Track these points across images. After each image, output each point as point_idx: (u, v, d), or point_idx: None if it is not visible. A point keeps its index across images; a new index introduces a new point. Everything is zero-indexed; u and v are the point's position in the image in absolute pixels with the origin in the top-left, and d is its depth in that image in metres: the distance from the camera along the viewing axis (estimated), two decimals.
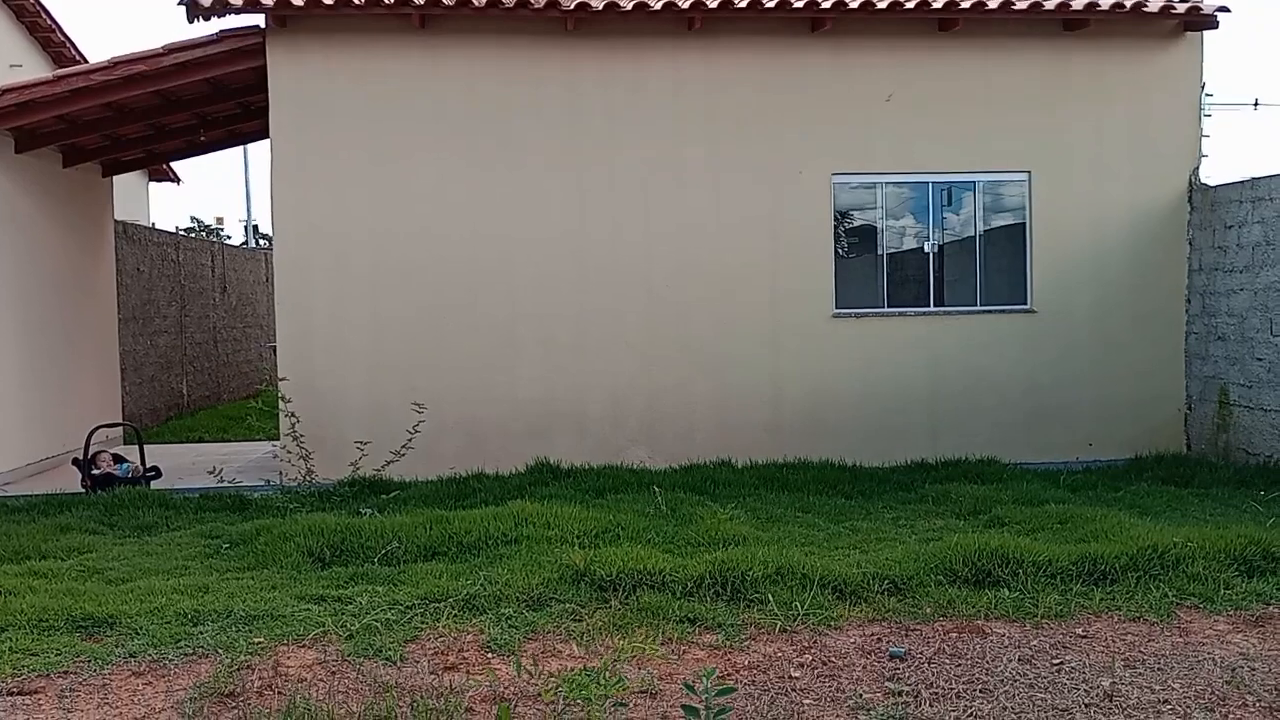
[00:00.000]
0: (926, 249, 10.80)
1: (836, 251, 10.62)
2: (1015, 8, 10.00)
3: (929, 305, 10.79)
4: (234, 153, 37.01)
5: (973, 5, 9.93)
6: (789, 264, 10.50)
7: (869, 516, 8.19)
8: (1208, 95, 10.88)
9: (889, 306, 10.76)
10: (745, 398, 10.47)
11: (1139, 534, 6.88)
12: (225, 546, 7.40)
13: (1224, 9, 10.38)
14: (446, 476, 9.56)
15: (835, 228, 10.61)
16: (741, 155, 10.42)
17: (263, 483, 9.58)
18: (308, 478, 9.33)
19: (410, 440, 9.35)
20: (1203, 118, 10.81)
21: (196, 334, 16.81)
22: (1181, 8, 10.14)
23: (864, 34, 10.44)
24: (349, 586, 6.33)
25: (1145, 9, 10.05)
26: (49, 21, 15.66)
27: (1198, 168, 10.88)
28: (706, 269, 10.41)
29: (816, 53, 10.48)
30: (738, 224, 10.44)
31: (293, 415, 9.44)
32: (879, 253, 10.84)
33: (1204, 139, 10.87)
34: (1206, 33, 10.78)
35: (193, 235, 20.72)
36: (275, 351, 10.15)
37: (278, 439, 10.02)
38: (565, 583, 6.19)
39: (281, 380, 9.73)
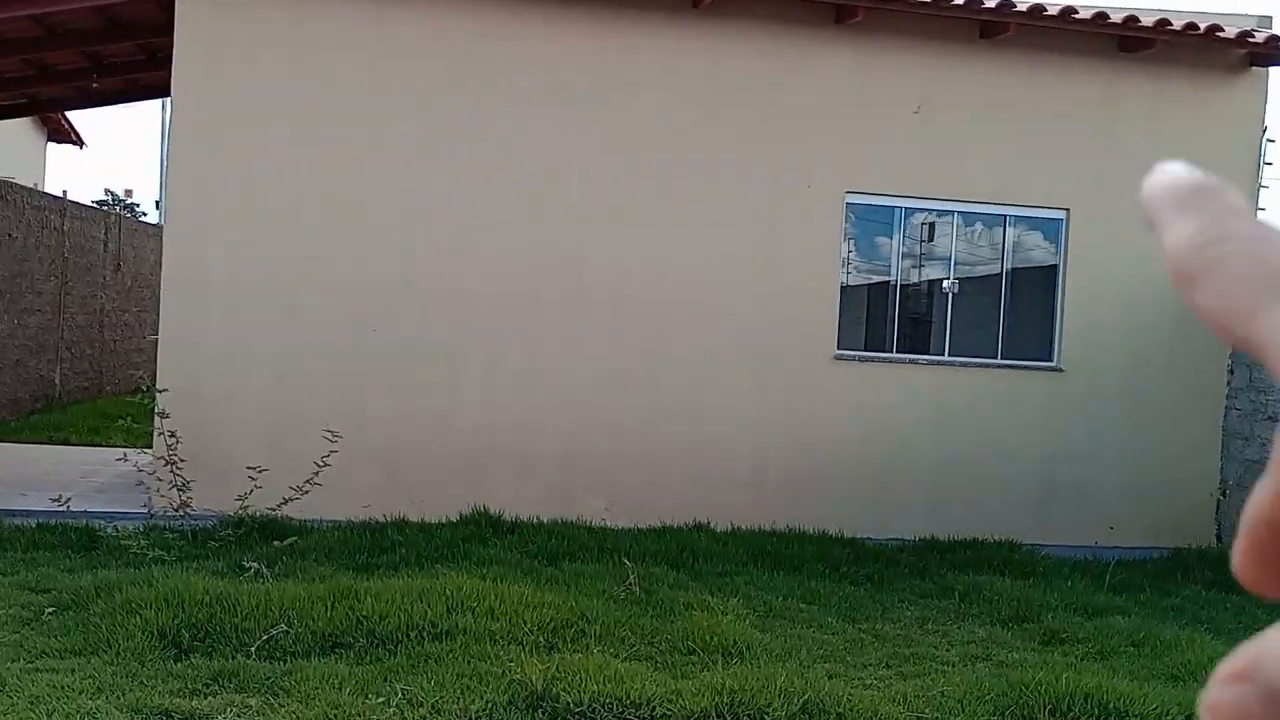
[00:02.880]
0: (945, 287, 9.29)
1: (843, 283, 9.06)
2: (1076, 17, 8.58)
3: (943, 353, 9.28)
4: (156, 122, 34.50)
5: (1030, 9, 8.48)
6: (786, 292, 8.89)
7: (888, 615, 6.58)
8: (1270, 140, 9.59)
9: (898, 351, 9.24)
10: (725, 447, 8.82)
11: None
12: (49, 611, 5.50)
13: None
14: (360, 521, 7.70)
15: (844, 255, 9.07)
16: (740, 162, 8.79)
17: (123, 513, 7.61)
18: (182, 510, 7.41)
19: (317, 474, 7.47)
20: (1263, 164, 9.53)
21: (79, 316, 14.58)
22: (1260, 36, 8.83)
23: (895, 31, 8.92)
24: (208, 694, 4.55)
25: (1220, 33, 8.71)
26: None
27: None
28: (688, 292, 8.75)
29: (838, 49, 8.93)
30: (731, 243, 8.80)
31: (170, 434, 7.47)
32: (891, 289, 9.32)
33: (1263, 188, 9.59)
34: (1273, 70, 9.55)
35: (91, 205, 18.37)
36: (157, 346, 8.22)
37: (152, 448, 8.01)
38: (517, 709, 4.50)
39: (160, 391, 7.77)
